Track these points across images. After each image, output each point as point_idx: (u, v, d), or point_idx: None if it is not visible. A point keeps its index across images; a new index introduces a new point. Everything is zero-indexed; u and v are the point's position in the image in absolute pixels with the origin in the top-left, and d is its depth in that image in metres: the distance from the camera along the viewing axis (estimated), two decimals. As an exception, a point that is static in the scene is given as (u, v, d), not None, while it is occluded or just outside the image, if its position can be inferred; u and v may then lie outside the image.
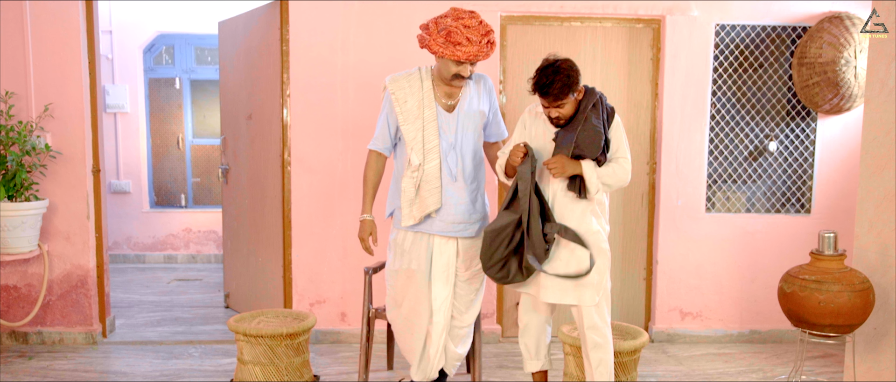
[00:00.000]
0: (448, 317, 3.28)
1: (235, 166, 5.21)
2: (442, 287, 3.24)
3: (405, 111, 3.16)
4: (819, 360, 4.43)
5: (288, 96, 4.46)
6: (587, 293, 3.14)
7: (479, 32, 2.99)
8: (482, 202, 3.31)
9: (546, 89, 3.00)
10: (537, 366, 3.40)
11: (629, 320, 4.79)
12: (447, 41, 2.97)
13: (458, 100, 3.21)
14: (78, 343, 4.51)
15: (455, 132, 3.18)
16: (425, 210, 3.15)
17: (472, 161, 3.24)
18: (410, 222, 3.19)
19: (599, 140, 3.07)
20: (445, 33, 2.98)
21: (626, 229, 4.73)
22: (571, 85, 3.02)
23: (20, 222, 4.13)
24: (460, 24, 2.97)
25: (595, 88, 3.18)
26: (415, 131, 3.14)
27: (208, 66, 7.34)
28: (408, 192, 3.18)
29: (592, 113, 3.10)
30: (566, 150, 3.08)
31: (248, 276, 5.14)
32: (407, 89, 3.17)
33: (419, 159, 3.13)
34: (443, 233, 3.22)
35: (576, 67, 3.06)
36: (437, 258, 3.23)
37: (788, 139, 4.67)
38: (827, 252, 3.28)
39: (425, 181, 3.15)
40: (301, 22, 4.42)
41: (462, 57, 2.99)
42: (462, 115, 3.19)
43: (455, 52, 2.98)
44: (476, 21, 3.02)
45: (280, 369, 3.57)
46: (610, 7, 4.50)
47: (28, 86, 4.31)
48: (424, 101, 3.15)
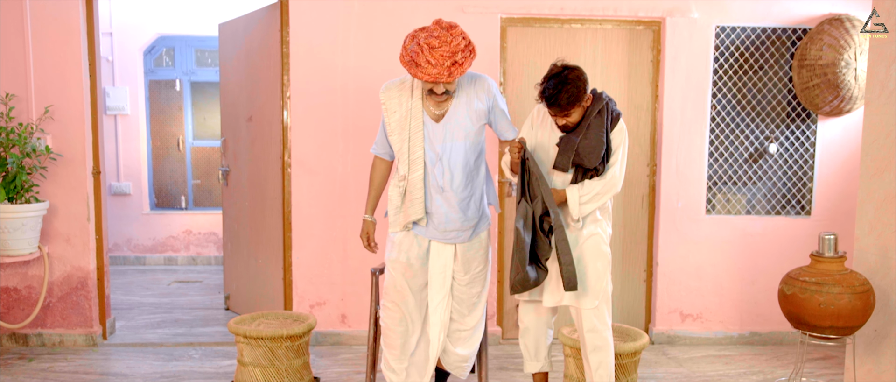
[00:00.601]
0: (445, 319, 3.23)
1: (236, 168, 5.21)
2: (438, 289, 3.20)
3: (393, 122, 3.13)
4: (819, 362, 4.43)
5: (288, 98, 4.47)
6: (585, 296, 3.15)
7: (443, 53, 2.87)
8: (476, 208, 3.21)
9: (553, 100, 3.01)
10: (537, 367, 3.40)
11: (629, 321, 4.79)
12: (411, 61, 2.93)
13: (447, 109, 3.12)
14: (78, 344, 4.51)
15: (442, 142, 3.10)
16: (409, 219, 3.14)
17: (463, 171, 3.13)
18: (397, 229, 3.19)
19: (600, 150, 3.08)
20: (411, 53, 2.92)
21: (626, 230, 4.73)
22: (579, 96, 3.03)
23: (20, 224, 4.13)
24: (426, 45, 2.88)
25: (603, 93, 3.17)
26: (400, 142, 3.11)
27: (209, 68, 7.34)
28: (393, 200, 3.18)
29: (596, 120, 3.11)
30: (567, 157, 3.10)
31: (248, 278, 5.14)
32: (395, 99, 3.14)
33: (405, 169, 3.11)
34: (437, 239, 3.18)
35: (584, 77, 3.05)
36: (433, 259, 3.20)
37: (789, 141, 4.67)
38: (827, 254, 3.28)
39: (409, 191, 3.12)
40: (301, 24, 4.42)
41: (422, 77, 2.92)
42: (450, 124, 3.11)
43: (416, 73, 2.92)
44: (446, 41, 2.88)
45: (280, 371, 3.57)
46: (610, 9, 4.50)
47: (28, 88, 4.31)
48: (412, 111, 3.10)
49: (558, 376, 3.94)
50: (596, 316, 3.15)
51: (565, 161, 3.11)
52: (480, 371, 3.59)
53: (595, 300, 3.14)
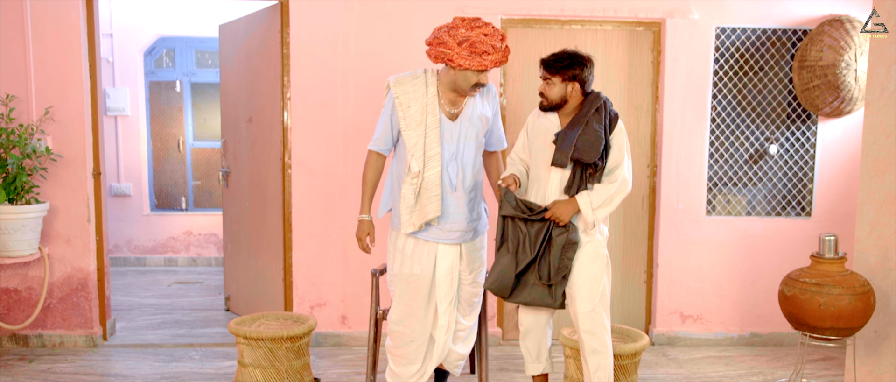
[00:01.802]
0: (452, 319, 3.25)
1: (236, 169, 5.21)
2: (447, 291, 3.20)
3: (408, 117, 3.10)
4: (819, 363, 4.43)
5: (288, 99, 4.47)
6: (580, 299, 3.14)
7: (497, 38, 2.98)
8: (479, 209, 3.28)
9: (545, 58, 3.13)
10: (539, 369, 3.40)
11: (629, 323, 4.78)
12: (472, 52, 2.94)
13: (462, 108, 3.16)
14: (78, 345, 4.51)
15: (457, 142, 3.13)
16: (425, 218, 3.10)
17: (472, 171, 3.20)
18: (410, 230, 3.14)
19: (599, 145, 3.07)
20: (469, 45, 2.93)
21: (626, 231, 4.73)
22: (567, 65, 3.08)
23: (21, 225, 4.14)
24: (480, 33, 2.94)
25: (600, 93, 3.19)
26: (416, 138, 3.09)
27: (209, 69, 7.35)
28: (407, 199, 3.12)
29: (595, 117, 3.11)
30: (565, 152, 3.08)
31: (248, 279, 5.14)
32: (411, 93, 3.11)
33: (419, 165, 3.08)
34: (443, 241, 3.18)
35: (587, 59, 3.12)
36: (440, 262, 3.19)
37: (789, 142, 4.67)
38: (827, 255, 3.28)
39: (425, 189, 3.10)
40: (302, 25, 4.43)
41: (489, 66, 2.97)
42: (465, 123, 3.14)
43: (482, 61, 2.95)
44: (491, 27, 3.00)
45: (280, 372, 3.57)
46: (610, 10, 4.51)
47: (29, 89, 4.32)
48: (428, 107, 3.09)
49: (559, 377, 3.94)
50: (593, 318, 3.14)
51: (563, 157, 3.09)
52: (480, 372, 3.60)
53: (591, 304, 3.13)
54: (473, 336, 3.43)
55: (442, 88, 3.13)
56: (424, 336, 3.24)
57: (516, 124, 4.57)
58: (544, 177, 3.21)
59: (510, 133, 4.55)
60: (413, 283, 3.19)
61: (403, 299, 3.21)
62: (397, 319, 3.24)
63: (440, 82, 3.14)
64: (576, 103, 3.17)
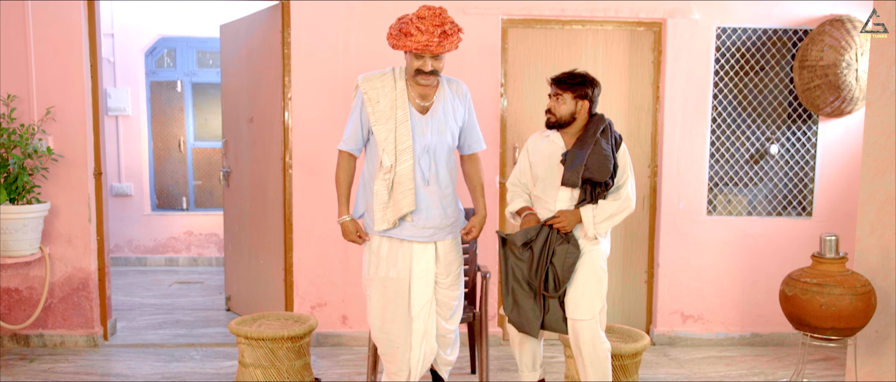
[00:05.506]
0: (429, 324, 3.18)
1: (237, 169, 5.21)
2: (422, 293, 3.14)
3: (377, 111, 3.08)
4: (820, 363, 4.42)
5: (289, 99, 4.47)
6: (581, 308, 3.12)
7: (433, 22, 2.93)
8: (455, 208, 3.22)
9: (557, 75, 3.21)
10: (535, 377, 3.40)
11: (630, 322, 4.78)
12: (399, 33, 2.96)
13: (433, 103, 3.13)
14: (79, 345, 4.51)
15: (428, 135, 3.09)
16: (399, 213, 3.06)
17: (446, 166, 3.15)
18: (384, 226, 3.09)
19: (609, 164, 3.11)
20: (399, 26, 2.97)
21: (627, 231, 4.73)
22: (579, 83, 3.16)
23: (22, 224, 4.14)
24: (415, 16, 2.95)
25: (604, 115, 3.25)
26: (387, 132, 3.06)
27: (210, 69, 7.35)
28: (380, 195, 3.08)
29: (602, 137, 3.17)
30: (576, 171, 3.10)
31: (249, 279, 5.14)
32: (379, 89, 3.10)
33: (391, 160, 3.05)
34: (417, 238, 3.12)
35: (596, 81, 3.22)
36: (416, 263, 3.14)
37: (790, 142, 4.67)
38: (828, 255, 3.28)
39: (398, 183, 3.06)
40: (303, 25, 4.43)
41: (411, 47, 2.94)
42: (436, 117, 3.12)
43: (405, 42, 2.95)
44: (435, 13, 2.95)
45: (281, 372, 3.57)
46: (611, 10, 4.51)
47: (30, 89, 4.32)
48: (397, 101, 3.08)
49: (559, 376, 3.94)
50: (593, 328, 3.12)
51: (574, 176, 3.11)
52: (480, 372, 3.60)
53: (591, 312, 3.12)
54: (458, 339, 3.39)
55: (410, 83, 3.11)
56: (409, 340, 3.18)
57: (516, 125, 4.57)
58: (551, 198, 3.21)
59: (508, 137, 4.56)
60: (390, 287, 3.13)
61: (382, 304, 3.16)
62: (380, 326, 3.19)
63: (408, 77, 3.13)
64: (582, 123, 3.22)
